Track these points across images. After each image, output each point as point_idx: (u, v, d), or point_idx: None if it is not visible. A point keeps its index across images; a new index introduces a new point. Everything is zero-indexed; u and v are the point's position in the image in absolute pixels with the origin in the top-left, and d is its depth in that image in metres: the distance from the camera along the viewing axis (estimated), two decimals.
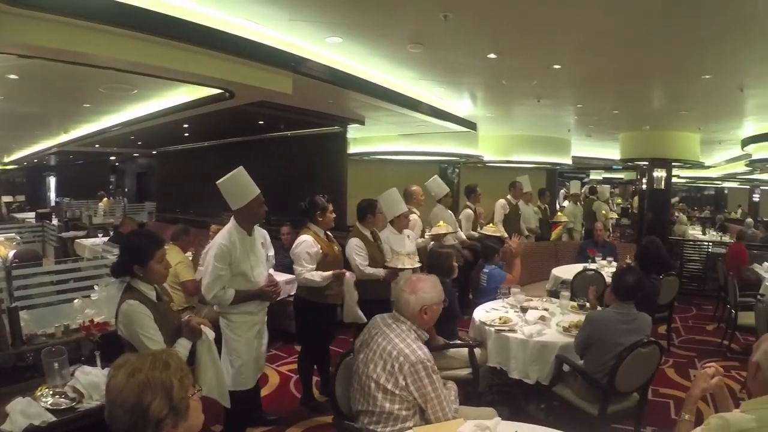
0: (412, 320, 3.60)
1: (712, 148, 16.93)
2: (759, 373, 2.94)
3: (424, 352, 3.43)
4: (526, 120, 13.18)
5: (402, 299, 3.62)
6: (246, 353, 4.97)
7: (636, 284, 5.00)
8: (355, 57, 7.29)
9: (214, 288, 4.76)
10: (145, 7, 4.92)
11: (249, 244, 4.98)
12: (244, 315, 4.98)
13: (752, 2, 5.08)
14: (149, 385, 2.08)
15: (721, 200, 34.87)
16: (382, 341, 3.52)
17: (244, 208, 4.88)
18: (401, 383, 3.37)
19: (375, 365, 3.46)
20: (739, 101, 9.67)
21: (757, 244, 14.24)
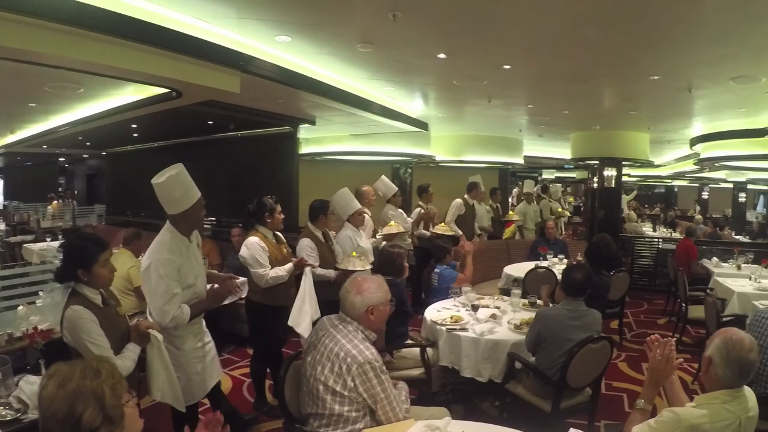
0: (359, 321, 3.57)
1: (662, 147, 17.22)
2: (711, 368, 2.99)
3: (371, 352, 3.41)
4: (478, 120, 13.21)
5: (348, 300, 3.59)
6: (191, 366, 4.59)
7: (584, 281, 5.04)
8: (305, 56, 7.21)
9: (171, 310, 4.21)
10: (89, 3, 4.76)
11: (192, 253, 4.56)
12: (187, 326, 4.53)
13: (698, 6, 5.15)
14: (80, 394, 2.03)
15: (671, 198, 35.89)
16: (329, 342, 3.48)
17: (186, 212, 4.40)
18: (350, 384, 3.34)
19: (323, 367, 3.43)
20: (687, 102, 9.82)
21: (705, 239, 14.58)
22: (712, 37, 6.16)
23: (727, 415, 2.88)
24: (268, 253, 5.71)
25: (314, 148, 14.27)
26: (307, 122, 11.13)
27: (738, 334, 3.02)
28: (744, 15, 5.42)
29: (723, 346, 2.97)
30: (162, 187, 4.31)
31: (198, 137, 13.98)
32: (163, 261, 4.25)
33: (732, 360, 2.92)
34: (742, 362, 2.92)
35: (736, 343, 2.95)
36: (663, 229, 19.15)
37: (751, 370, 2.97)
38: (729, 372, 2.93)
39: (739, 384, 2.97)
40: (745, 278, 9.28)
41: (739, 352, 2.92)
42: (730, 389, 2.95)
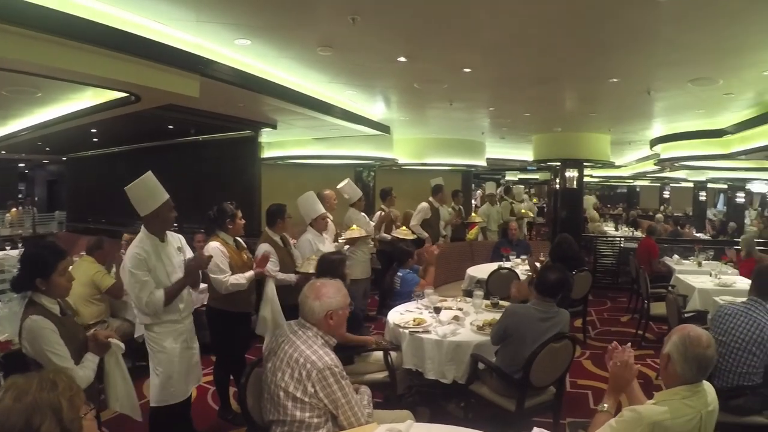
0: (318, 326, 3.54)
1: (623, 148, 17.45)
2: (670, 365, 3.02)
3: (331, 357, 3.39)
4: (440, 123, 13.26)
5: (307, 306, 3.56)
6: (173, 365, 4.75)
7: (558, 282, 5.07)
8: (265, 59, 7.18)
9: (143, 295, 4.53)
10: (45, 5, 4.68)
11: (163, 251, 4.76)
12: (168, 324, 4.75)
13: (655, 11, 5.22)
14: (37, 407, 1.99)
15: (633, 198, 36.39)
16: (289, 349, 3.45)
17: (154, 213, 4.67)
18: (310, 390, 3.31)
19: (283, 373, 3.39)
20: (646, 104, 9.99)
21: (667, 238, 14.82)
22: (670, 41, 6.26)
23: (688, 411, 2.90)
24: (229, 258, 5.66)
25: (277, 152, 14.21)
26: (268, 126, 11.06)
27: (695, 331, 3.05)
28: (700, 19, 5.53)
29: (680, 343, 3.00)
30: (132, 191, 4.64)
31: (159, 142, 13.89)
32: (131, 256, 4.61)
33: (690, 356, 2.95)
34: (700, 358, 2.94)
35: (694, 340, 2.98)
36: (625, 228, 19.42)
37: (710, 366, 3.00)
38: (687, 368, 2.95)
39: (698, 379, 3.00)
40: (706, 275, 9.44)
41: (696, 348, 2.95)
42: (689, 385, 2.97)
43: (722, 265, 10.13)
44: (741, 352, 4.73)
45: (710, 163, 14.96)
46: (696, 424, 2.91)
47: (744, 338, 4.74)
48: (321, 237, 7.21)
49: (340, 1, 5.16)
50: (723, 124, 11.48)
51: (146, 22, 5.60)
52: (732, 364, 4.77)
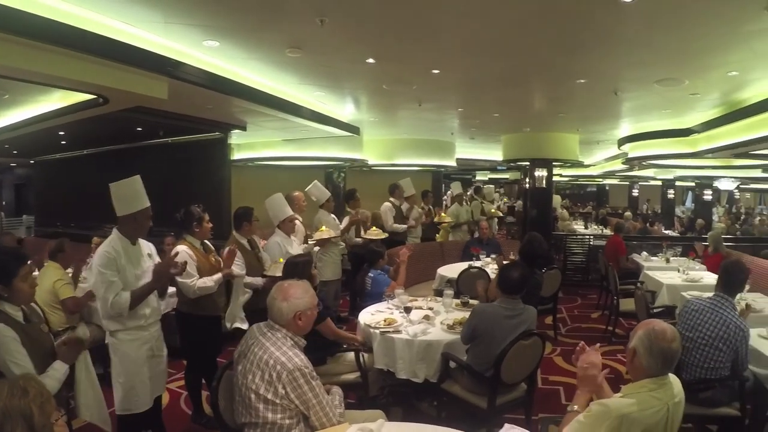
0: (287, 327, 3.54)
1: (592, 147, 17.63)
2: (636, 359, 3.07)
3: (300, 359, 3.39)
4: (409, 124, 13.32)
5: (275, 307, 3.56)
6: (137, 373, 4.65)
7: (521, 279, 5.10)
8: (234, 61, 7.17)
9: (109, 295, 4.42)
10: (12, 6, 4.63)
11: (133, 254, 4.70)
12: (134, 331, 4.65)
13: (621, 14, 5.29)
14: (8, 414, 2.00)
15: (602, 196, 36.75)
16: (259, 351, 3.45)
17: (132, 216, 4.64)
18: (281, 392, 3.31)
19: (253, 376, 3.39)
20: (613, 104, 10.12)
21: (635, 235, 15.00)
22: (636, 43, 6.36)
23: (655, 403, 2.95)
24: (197, 262, 5.61)
25: (246, 154, 14.17)
26: (238, 128, 11.00)
27: (660, 326, 3.10)
28: (666, 22, 5.62)
29: (646, 337, 3.05)
30: (117, 188, 4.66)
31: (128, 144, 13.75)
32: (100, 254, 4.52)
33: (655, 350, 3.00)
34: (665, 352, 3.00)
35: (659, 334, 3.03)
36: (594, 226, 19.58)
37: (675, 359, 3.05)
38: (653, 362, 3.01)
39: (664, 372, 3.05)
40: (674, 271, 9.58)
41: (661, 342, 3.00)
42: (655, 378, 3.02)
43: (690, 261, 10.36)
44: (708, 348, 4.83)
45: (678, 161, 15.11)
46: (663, 416, 2.96)
47: (710, 334, 4.83)
48: (289, 239, 7.18)
49: (308, 3, 5.17)
50: (689, 123, 11.63)
51: (114, 23, 5.56)
52: (699, 358, 4.87)
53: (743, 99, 9.25)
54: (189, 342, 5.93)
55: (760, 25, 5.60)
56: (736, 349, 4.79)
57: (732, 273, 5.16)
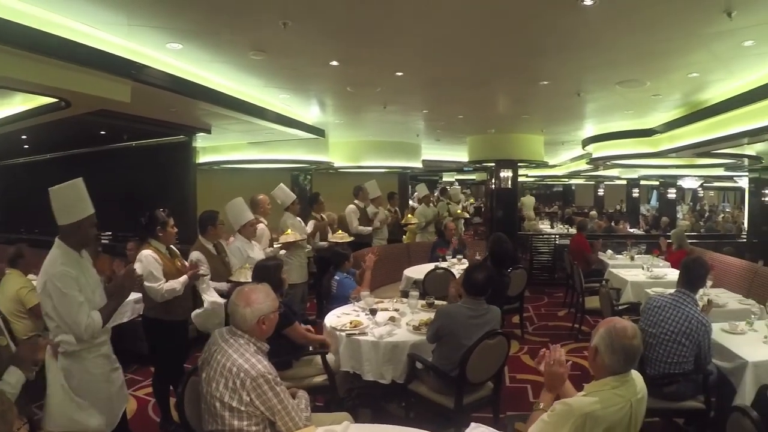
0: (251, 333, 3.52)
1: (557, 148, 17.78)
2: (598, 357, 3.09)
3: (264, 365, 3.36)
4: (375, 126, 13.35)
5: (238, 314, 3.52)
6: (101, 391, 4.32)
7: (485, 281, 5.13)
8: (197, 64, 7.13)
9: (82, 319, 4.04)
10: None
11: (85, 268, 4.39)
12: (97, 348, 4.32)
13: (581, 16, 5.35)
14: None
15: (569, 196, 37.07)
16: (221, 358, 3.41)
17: (75, 225, 4.25)
18: (245, 399, 3.28)
19: (217, 384, 3.36)
20: (577, 105, 10.25)
21: (600, 233, 15.16)
22: (597, 45, 6.45)
23: (618, 400, 2.98)
24: (162, 266, 5.53)
25: (212, 157, 14.09)
26: (202, 131, 10.90)
27: (621, 323, 3.13)
28: (627, 24, 5.72)
29: (607, 335, 3.08)
30: (57, 194, 4.20)
31: (92, 148, 13.56)
32: (59, 274, 4.08)
33: (617, 348, 3.02)
34: (626, 349, 3.02)
35: (620, 332, 3.06)
36: (560, 225, 19.74)
37: (636, 356, 3.08)
38: (615, 359, 3.03)
39: (626, 370, 3.08)
40: (638, 268, 9.76)
41: (623, 340, 3.03)
42: (618, 375, 3.05)
43: (654, 258, 10.53)
44: (671, 343, 4.91)
45: (641, 161, 15.29)
46: (626, 413, 2.99)
47: (673, 330, 4.92)
48: (250, 244, 7.12)
49: (271, 6, 5.16)
50: (652, 123, 11.82)
51: (75, 25, 5.48)
52: (663, 354, 4.95)
53: (704, 100, 9.41)
54: (156, 348, 5.84)
55: (720, 28, 5.70)
56: (699, 343, 4.88)
57: (693, 269, 5.25)
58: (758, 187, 15.66)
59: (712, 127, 9.77)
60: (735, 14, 5.22)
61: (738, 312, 6.67)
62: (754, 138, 9.68)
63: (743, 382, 4.82)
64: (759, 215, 15.70)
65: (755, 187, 15.85)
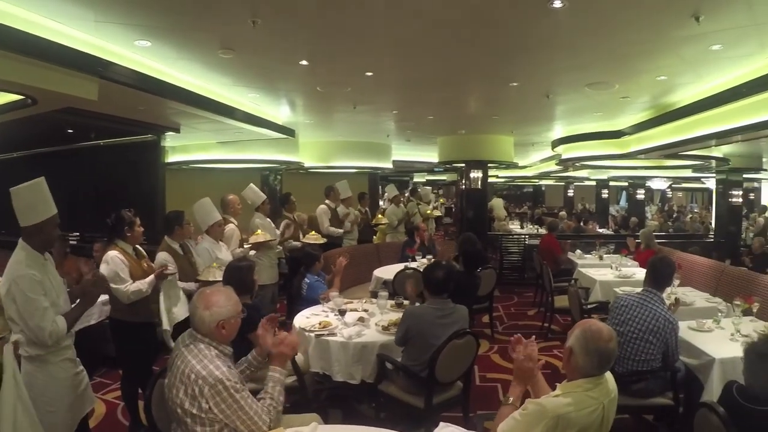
0: (211, 337, 3.42)
1: (527, 149, 17.93)
2: (572, 358, 3.10)
3: (222, 371, 3.26)
4: (345, 126, 13.35)
5: (197, 316, 3.42)
6: (65, 396, 4.25)
7: (445, 277, 5.15)
8: (166, 61, 7.06)
9: (46, 324, 3.96)
10: None
11: (50, 271, 4.30)
12: (63, 351, 4.25)
13: (550, 18, 5.39)
14: None
15: (539, 196, 37.37)
16: (181, 364, 3.33)
17: (38, 226, 4.16)
18: (204, 406, 3.21)
19: (177, 390, 3.28)
20: (546, 107, 10.34)
21: (570, 234, 15.29)
22: (566, 47, 6.51)
23: (591, 402, 2.99)
24: (129, 267, 5.46)
25: (181, 157, 14.00)
26: (171, 130, 10.78)
27: (596, 325, 3.15)
28: (596, 27, 5.79)
29: (582, 337, 3.10)
30: (19, 194, 4.12)
31: (59, 146, 13.37)
32: (23, 278, 3.99)
33: (591, 350, 3.05)
34: (601, 352, 3.04)
35: (595, 334, 3.08)
36: (530, 226, 19.87)
37: (611, 359, 3.10)
38: (589, 361, 3.05)
39: (600, 372, 3.10)
40: (607, 267, 9.92)
41: (597, 342, 3.05)
42: (591, 377, 3.07)
43: (622, 257, 10.64)
44: (639, 341, 4.98)
45: (610, 162, 15.39)
46: (599, 415, 3.01)
47: (641, 328, 4.99)
48: (218, 245, 7.08)
49: (241, 4, 5.13)
50: (621, 125, 11.98)
51: (41, 20, 5.39)
52: (631, 352, 5.02)
53: (672, 102, 9.53)
54: (124, 350, 5.74)
55: (688, 32, 5.78)
56: (666, 341, 4.97)
57: (659, 268, 5.33)
58: (725, 189, 15.86)
59: (680, 129, 9.89)
60: (703, 19, 5.30)
61: (705, 310, 6.82)
62: (721, 140, 9.83)
63: (711, 379, 4.91)
64: (726, 216, 15.91)
65: (722, 189, 16.04)
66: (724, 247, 14.99)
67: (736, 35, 5.95)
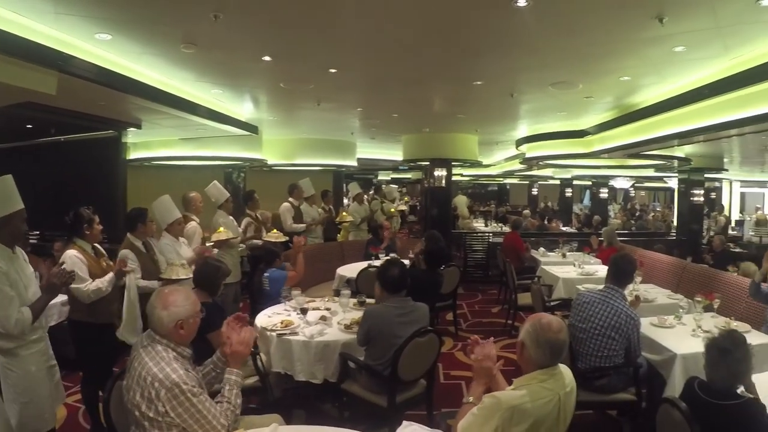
0: (169, 338, 3.34)
1: (491, 148, 18.02)
2: (525, 351, 3.15)
3: (179, 374, 3.18)
4: (309, 123, 13.31)
5: (155, 316, 3.34)
6: (38, 390, 4.32)
7: (401, 275, 5.16)
8: (127, 56, 6.94)
9: (12, 313, 4.04)
10: None
11: (18, 264, 4.36)
12: (33, 344, 4.33)
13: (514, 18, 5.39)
14: None
15: (503, 195, 37.82)
16: (138, 366, 3.25)
17: (5, 220, 4.23)
18: (161, 410, 3.13)
19: (134, 393, 3.20)
20: (510, 106, 10.40)
21: (533, 231, 15.48)
22: (530, 46, 6.54)
23: (546, 393, 3.03)
24: (88, 266, 5.36)
25: (143, 153, 13.81)
26: (133, 126, 10.62)
27: (546, 318, 3.21)
28: (559, 27, 5.84)
29: (532, 329, 3.15)
30: None
31: (18, 142, 13.19)
32: None
33: (542, 342, 3.09)
34: (552, 343, 3.09)
35: (545, 326, 3.13)
36: (494, 224, 20.00)
37: (562, 350, 3.15)
38: (541, 353, 3.10)
39: (553, 363, 3.14)
40: (570, 265, 10.06)
41: (548, 334, 3.10)
42: (545, 369, 3.11)
43: (585, 255, 10.82)
44: (601, 337, 5.06)
45: (574, 161, 15.57)
46: (555, 406, 3.04)
47: (603, 324, 5.07)
48: (178, 242, 7.02)
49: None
50: (584, 125, 12.11)
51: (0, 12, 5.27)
52: (593, 348, 5.09)
53: (635, 103, 9.65)
54: (84, 352, 5.61)
55: (651, 34, 5.85)
56: (628, 337, 5.05)
57: (620, 265, 5.44)
58: (687, 188, 16.18)
59: (642, 129, 10.02)
60: (667, 20, 5.36)
61: (667, 306, 6.93)
62: (683, 140, 10.00)
63: (673, 374, 5.01)
64: (687, 214, 16.27)
65: (684, 188, 16.35)
66: (686, 244, 15.36)
67: (699, 38, 6.03)
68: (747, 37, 6.01)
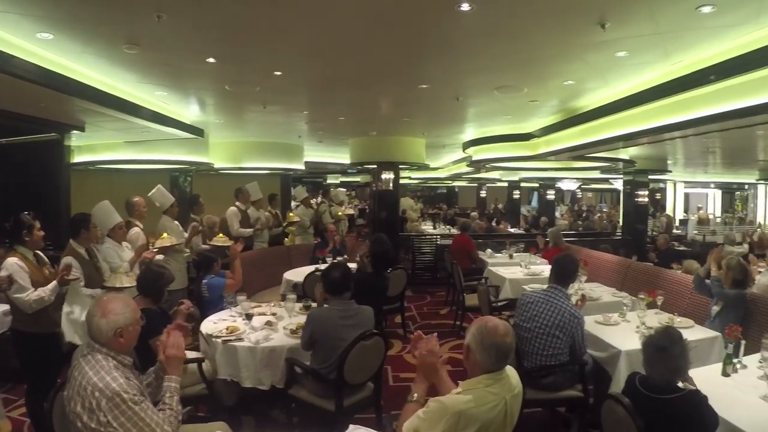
0: (108, 346, 3.27)
1: (438, 151, 18.09)
2: (471, 355, 3.13)
3: (119, 383, 3.12)
4: (256, 126, 13.21)
5: (93, 324, 3.27)
6: None
7: (343, 277, 5.17)
8: (69, 56, 6.80)
9: None
10: None
11: None
12: None
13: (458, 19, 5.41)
14: None
15: (452, 197, 38.07)
16: (78, 375, 3.18)
17: None
18: (103, 420, 3.06)
19: (75, 403, 3.13)
20: (456, 109, 10.47)
21: (481, 233, 15.67)
22: (474, 50, 6.61)
23: (492, 398, 3.01)
24: (30, 274, 5.22)
25: (87, 157, 13.56)
26: (75, 128, 10.38)
27: (492, 321, 3.19)
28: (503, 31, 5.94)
29: (478, 333, 3.13)
30: None
31: None
32: None
33: (488, 345, 3.08)
34: (498, 347, 3.08)
35: (491, 330, 3.11)
36: (443, 226, 20.12)
37: (509, 354, 3.14)
38: (486, 356, 3.08)
39: (499, 367, 3.12)
40: (517, 266, 10.27)
41: (494, 337, 3.08)
42: (491, 373, 3.09)
43: (531, 256, 11.02)
44: (546, 336, 5.15)
45: (520, 164, 15.74)
46: (501, 410, 3.03)
47: (547, 323, 5.17)
48: (121, 247, 6.93)
49: None
50: (530, 128, 12.31)
51: None
52: (539, 347, 5.18)
53: (579, 106, 9.81)
54: (27, 363, 5.47)
55: (594, 39, 5.96)
56: (572, 335, 5.15)
57: (563, 265, 5.56)
58: (632, 189, 16.55)
59: (587, 132, 10.18)
60: (608, 26, 5.48)
61: (612, 304, 7.09)
62: (627, 143, 10.17)
63: (617, 370, 5.14)
64: (633, 214, 16.66)
65: (629, 189, 16.70)
66: (632, 244, 15.64)
67: (640, 43, 6.16)
68: (687, 43, 6.15)
